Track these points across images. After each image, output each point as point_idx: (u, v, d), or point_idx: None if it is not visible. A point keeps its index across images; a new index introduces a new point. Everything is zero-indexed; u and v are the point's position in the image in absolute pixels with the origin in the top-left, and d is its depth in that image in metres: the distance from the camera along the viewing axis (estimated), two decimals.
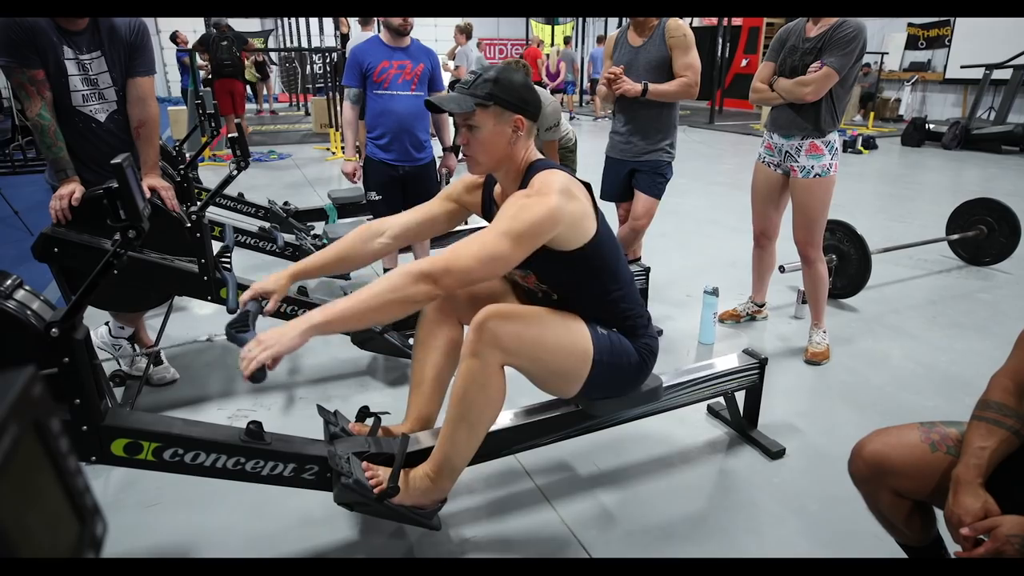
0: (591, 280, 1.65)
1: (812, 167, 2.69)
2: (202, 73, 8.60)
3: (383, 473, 1.57)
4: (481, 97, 1.51)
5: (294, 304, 2.55)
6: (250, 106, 11.52)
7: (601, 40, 14.88)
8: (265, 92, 14.41)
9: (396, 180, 3.17)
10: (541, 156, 1.65)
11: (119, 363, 2.63)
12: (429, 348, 1.82)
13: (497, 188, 1.74)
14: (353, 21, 7.22)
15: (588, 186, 1.64)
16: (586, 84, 16.06)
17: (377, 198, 3.22)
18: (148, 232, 1.50)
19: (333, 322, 1.36)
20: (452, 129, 3.27)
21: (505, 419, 1.82)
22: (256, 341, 1.29)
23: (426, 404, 1.85)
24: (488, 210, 1.79)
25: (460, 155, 1.87)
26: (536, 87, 3.27)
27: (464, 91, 1.54)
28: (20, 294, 1.48)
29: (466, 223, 4.65)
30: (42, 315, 1.46)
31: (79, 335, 1.43)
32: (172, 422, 1.60)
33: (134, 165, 1.44)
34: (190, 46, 9.14)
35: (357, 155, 3.31)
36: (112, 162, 1.33)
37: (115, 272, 1.45)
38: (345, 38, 9.39)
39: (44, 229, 2.15)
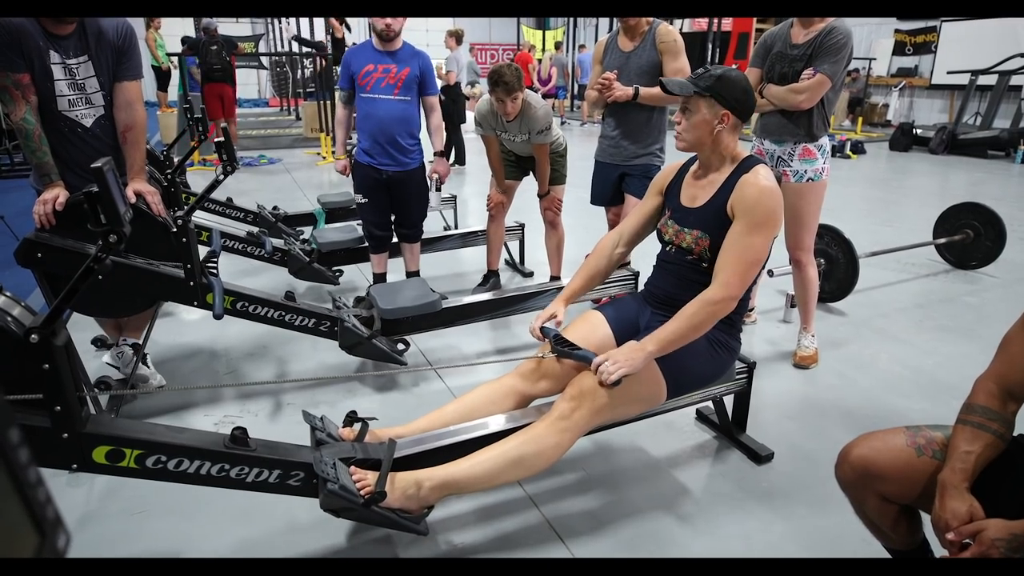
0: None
1: (805, 171, 2.71)
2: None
3: (372, 477, 1.56)
4: (701, 88, 1.73)
5: (281, 310, 2.53)
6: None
7: (584, 48, 15.08)
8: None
9: (381, 184, 3.16)
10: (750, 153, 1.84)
11: (121, 372, 2.57)
12: (496, 396, 1.89)
13: (694, 167, 1.91)
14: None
15: None
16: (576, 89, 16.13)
17: (363, 200, 3.21)
18: (134, 237, 1.48)
19: (663, 348, 1.67)
20: (443, 135, 3.27)
21: (495, 424, 1.81)
22: (610, 360, 1.62)
23: (445, 424, 1.84)
24: (671, 190, 1.95)
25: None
26: (528, 91, 3.27)
27: (691, 80, 1.77)
28: (0, 300, 1.46)
29: (446, 228, 4.66)
30: (22, 321, 1.43)
31: (59, 341, 1.41)
32: (154, 429, 1.58)
33: (115, 169, 1.42)
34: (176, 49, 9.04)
35: (346, 154, 3.31)
36: (92, 166, 1.31)
37: (97, 277, 1.43)
38: (338, 42, 9.33)
39: (28, 234, 2.13)
